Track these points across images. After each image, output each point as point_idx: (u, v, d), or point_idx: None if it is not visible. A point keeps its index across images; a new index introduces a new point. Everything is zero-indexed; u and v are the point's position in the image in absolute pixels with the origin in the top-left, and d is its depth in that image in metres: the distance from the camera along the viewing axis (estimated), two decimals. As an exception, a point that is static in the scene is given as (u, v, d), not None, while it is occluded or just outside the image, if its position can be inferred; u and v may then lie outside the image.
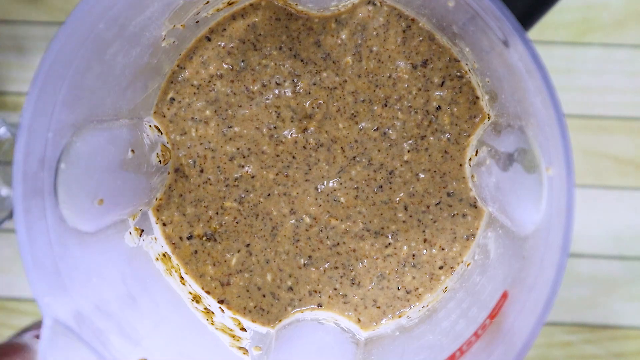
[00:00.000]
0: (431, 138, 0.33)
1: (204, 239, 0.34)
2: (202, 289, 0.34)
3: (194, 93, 0.33)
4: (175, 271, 0.34)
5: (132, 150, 0.30)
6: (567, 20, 0.43)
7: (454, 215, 0.33)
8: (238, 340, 0.33)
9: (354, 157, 0.33)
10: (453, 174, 0.33)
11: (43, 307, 0.24)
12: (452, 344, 0.28)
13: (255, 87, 0.33)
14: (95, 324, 0.26)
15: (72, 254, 0.26)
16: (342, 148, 0.33)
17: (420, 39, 0.33)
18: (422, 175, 0.33)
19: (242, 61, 0.33)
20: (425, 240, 0.33)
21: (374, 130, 0.33)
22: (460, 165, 0.33)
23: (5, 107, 0.45)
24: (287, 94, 0.33)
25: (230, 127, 0.33)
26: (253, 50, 0.33)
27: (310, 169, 0.33)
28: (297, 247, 0.34)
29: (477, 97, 0.33)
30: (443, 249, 0.33)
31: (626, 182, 0.44)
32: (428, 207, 0.33)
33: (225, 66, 0.33)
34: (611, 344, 0.44)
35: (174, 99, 0.33)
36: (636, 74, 0.43)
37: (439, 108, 0.33)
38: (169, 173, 0.34)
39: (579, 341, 0.44)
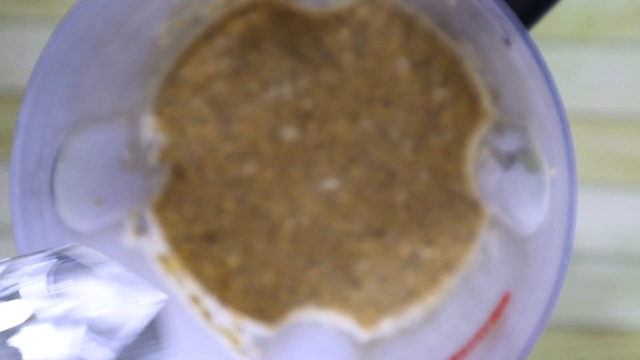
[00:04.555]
0: (432, 137, 0.33)
1: (203, 239, 0.34)
2: (201, 289, 0.34)
3: (192, 92, 0.33)
4: (174, 272, 0.34)
5: (130, 150, 0.30)
6: (570, 18, 0.43)
7: (455, 215, 0.33)
8: (237, 342, 0.33)
9: (354, 157, 0.33)
10: (454, 173, 0.33)
11: (40, 308, 0.24)
12: (453, 346, 0.28)
13: (254, 86, 0.33)
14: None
15: (69, 255, 0.26)
16: (342, 147, 0.33)
17: (421, 37, 0.33)
18: (423, 175, 0.33)
19: (241, 60, 0.33)
20: (426, 241, 0.33)
21: (375, 129, 0.33)
22: (462, 164, 0.33)
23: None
24: (286, 93, 0.33)
25: (229, 126, 0.33)
26: (252, 48, 0.33)
27: (310, 169, 0.33)
28: (296, 247, 0.34)
29: (479, 96, 0.33)
30: (444, 250, 0.33)
31: (629, 182, 0.43)
32: (429, 207, 0.33)
33: (223, 65, 0.33)
34: (614, 345, 0.44)
35: (172, 98, 0.33)
36: (640, 73, 0.43)
37: (440, 107, 0.33)
38: (167, 173, 0.34)
39: (581, 342, 0.44)
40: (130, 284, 0.21)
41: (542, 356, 0.44)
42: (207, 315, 0.33)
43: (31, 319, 0.20)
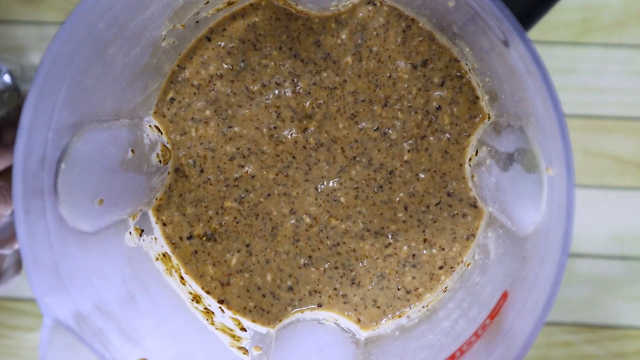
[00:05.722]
0: (431, 138, 0.33)
1: (204, 239, 0.34)
2: (202, 288, 0.34)
3: (194, 93, 0.33)
4: (175, 271, 0.34)
5: (132, 150, 0.30)
6: (567, 20, 0.43)
7: (454, 215, 0.33)
8: (238, 340, 0.33)
9: (354, 157, 0.33)
10: (453, 173, 0.33)
11: (43, 307, 0.24)
12: (452, 344, 0.28)
13: (255, 87, 0.33)
14: (95, 323, 0.26)
15: (72, 254, 0.26)
16: (342, 148, 0.33)
17: (420, 39, 0.33)
18: (422, 175, 0.33)
19: (242, 61, 0.33)
20: (425, 240, 0.33)
21: (374, 130, 0.33)
22: (460, 165, 0.33)
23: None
24: (287, 94, 0.33)
25: (230, 127, 0.33)
26: (253, 50, 0.33)
27: (310, 169, 0.33)
28: (297, 247, 0.34)
29: (477, 97, 0.33)
30: (443, 249, 0.33)
31: (626, 182, 0.44)
32: (428, 207, 0.33)
33: (225, 66, 0.33)
34: (611, 344, 0.44)
35: (174, 99, 0.33)
36: (636, 74, 0.43)
37: (439, 108, 0.33)
38: (169, 173, 0.34)
39: (579, 341, 0.44)
40: None
41: (540, 351, 0.44)
42: (208, 313, 0.33)
43: None
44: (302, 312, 0.34)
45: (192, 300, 0.33)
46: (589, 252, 0.44)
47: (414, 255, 0.34)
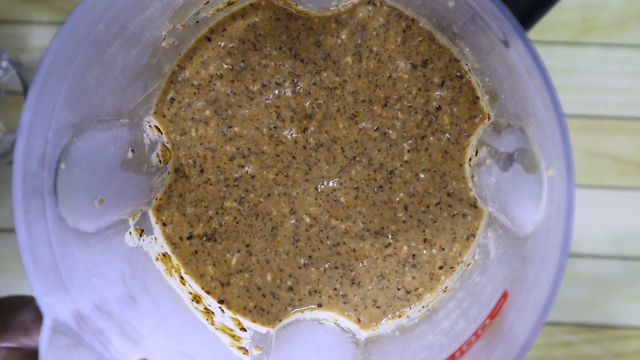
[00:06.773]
0: (431, 138, 0.33)
1: (204, 239, 0.34)
2: (202, 289, 0.34)
3: (194, 93, 0.33)
4: (175, 271, 0.34)
5: (132, 150, 0.30)
6: (567, 20, 0.43)
7: (454, 215, 0.33)
8: (238, 340, 0.33)
9: (354, 157, 0.33)
10: (453, 173, 0.33)
11: (43, 307, 0.24)
12: (452, 344, 0.28)
13: (255, 87, 0.33)
14: (95, 323, 0.26)
15: (72, 254, 0.26)
16: (342, 148, 0.33)
17: (420, 39, 0.33)
18: (422, 175, 0.33)
19: (242, 61, 0.33)
20: (425, 240, 0.33)
21: (374, 130, 0.33)
22: (460, 165, 0.33)
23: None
24: (287, 94, 0.33)
25: (230, 127, 0.33)
26: (253, 50, 0.33)
27: (310, 169, 0.33)
28: (297, 247, 0.34)
29: (477, 97, 0.33)
30: (443, 249, 0.33)
31: (626, 182, 0.44)
32: (428, 207, 0.33)
33: (225, 66, 0.33)
34: (611, 344, 0.44)
35: (174, 99, 0.33)
36: (636, 74, 0.43)
37: (439, 108, 0.33)
38: (169, 173, 0.34)
39: (579, 341, 0.44)
40: None
41: (540, 351, 0.44)
42: (208, 313, 0.33)
43: None
44: (302, 312, 0.34)
45: (192, 300, 0.33)
46: (589, 252, 0.44)
47: (414, 255, 0.34)
